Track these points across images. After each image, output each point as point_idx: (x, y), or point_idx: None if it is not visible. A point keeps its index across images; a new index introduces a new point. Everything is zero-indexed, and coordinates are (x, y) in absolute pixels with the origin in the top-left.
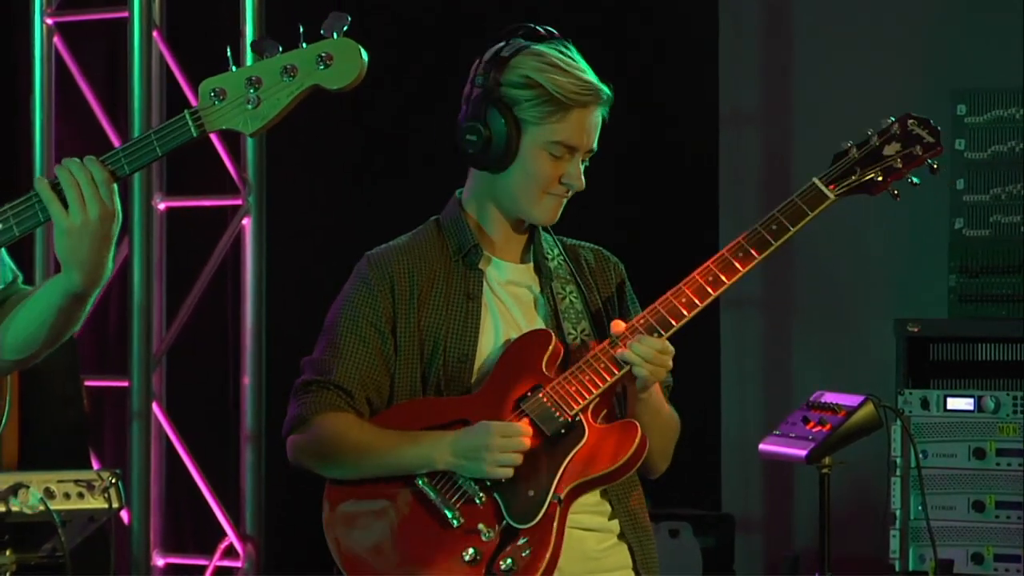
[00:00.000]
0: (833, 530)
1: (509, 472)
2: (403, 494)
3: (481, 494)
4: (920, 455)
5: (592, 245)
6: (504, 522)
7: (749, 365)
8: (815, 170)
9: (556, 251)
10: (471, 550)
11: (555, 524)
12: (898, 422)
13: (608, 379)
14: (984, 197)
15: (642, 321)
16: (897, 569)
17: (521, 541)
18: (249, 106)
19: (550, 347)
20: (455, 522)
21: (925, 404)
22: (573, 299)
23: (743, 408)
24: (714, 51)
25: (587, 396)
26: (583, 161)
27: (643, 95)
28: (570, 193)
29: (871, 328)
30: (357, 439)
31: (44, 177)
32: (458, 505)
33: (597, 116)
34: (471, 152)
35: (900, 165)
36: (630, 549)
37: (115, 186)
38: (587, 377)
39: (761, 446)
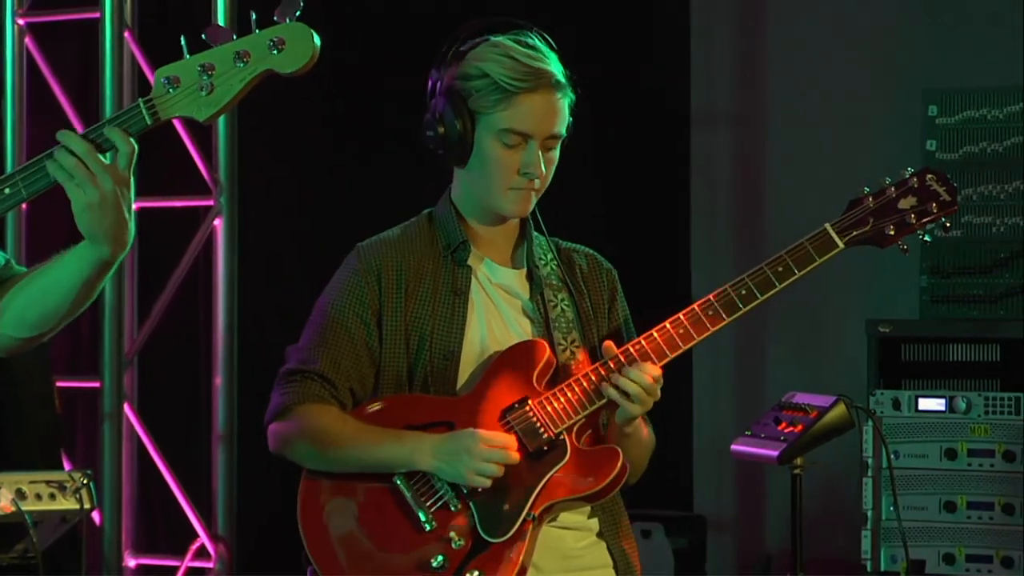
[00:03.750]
0: (805, 530)
1: (487, 482)
2: (379, 492)
3: (456, 501)
4: (892, 456)
5: (587, 250)
6: (476, 532)
7: (721, 365)
8: (788, 170)
9: (550, 255)
10: (440, 556)
11: (526, 541)
12: (870, 423)
13: (597, 401)
14: None
15: (637, 347)
16: (869, 569)
17: (490, 554)
18: (202, 93)
19: (543, 360)
20: (427, 526)
21: (896, 405)
22: (565, 307)
23: (715, 409)
24: (686, 51)
25: (573, 416)
26: (550, 149)
27: (614, 95)
28: (536, 184)
29: (843, 329)
30: (340, 432)
31: (53, 160)
32: (432, 509)
33: (551, 102)
34: (431, 148)
35: (913, 220)
36: (609, 549)
37: (136, 151)
38: (575, 396)
39: (733, 447)
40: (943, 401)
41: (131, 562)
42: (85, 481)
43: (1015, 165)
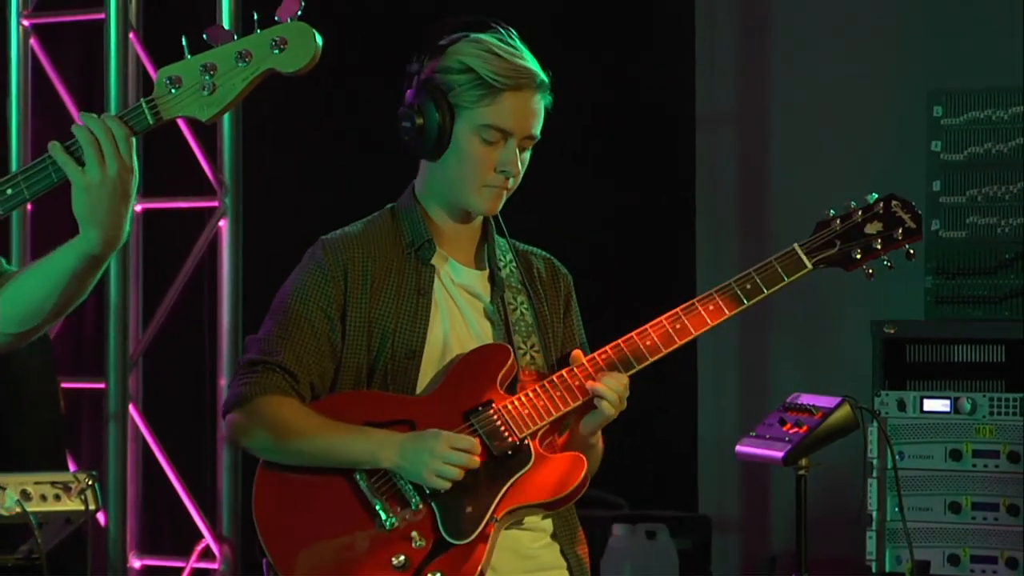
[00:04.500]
0: (810, 531)
1: (445, 484)
2: (339, 487)
3: (419, 501)
4: (896, 456)
5: (544, 253)
6: (437, 533)
7: (726, 366)
8: (792, 171)
9: (509, 257)
10: (401, 556)
11: (488, 544)
12: (874, 423)
13: (563, 408)
14: (960, 199)
15: (604, 356)
16: (874, 570)
17: (451, 555)
18: (204, 92)
19: (507, 364)
20: (388, 524)
21: (901, 405)
22: (524, 310)
23: (720, 410)
24: (691, 52)
25: (539, 421)
26: (525, 150)
27: (618, 96)
28: (509, 182)
29: (848, 330)
30: (302, 424)
31: (57, 142)
32: (393, 508)
33: (533, 102)
34: (407, 139)
35: (879, 246)
36: (562, 552)
37: (134, 142)
38: (541, 402)
39: (738, 448)
40: (948, 402)
41: (136, 563)
42: (90, 482)
43: (1020, 166)
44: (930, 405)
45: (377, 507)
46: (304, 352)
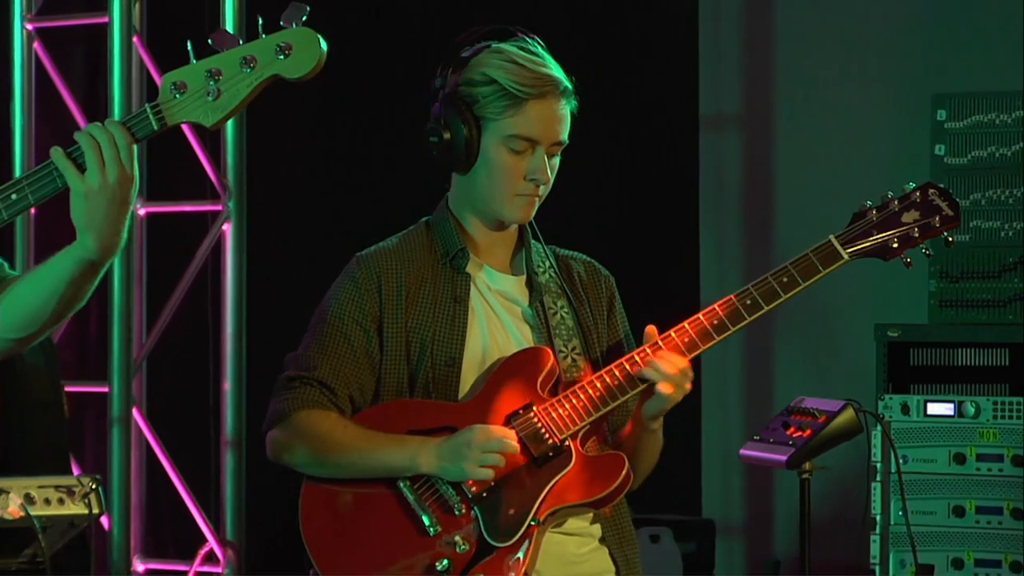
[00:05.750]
0: (813, 535)
1: (490, 474)
2: (383, 496)
3: (461, 505)
4: (900, 460)
5: (584, 257)
6: (480, 537)
7: (730, 370)
8: (797, 174)
9: (548, 263)
10: (445, 560)
11: (531, 546)
12: (878, 427)
13: (602, 407)
14: (964, 203)
15: (642, 356)
16: (877, 574)
17: (495, 558)
18: (209, 98)
19: (547, 366)
20: (432, 530)
21: (905, 409)
22: (564, 314)
23: (724, 413)
24: (694, 54)
25: (578, 422)
26: (554, 156)
27: (622, 99)
28: (540, 190)
29: (851, 333)
30: (340, 437)
31: (59, 147)
32: (436, 513)
33: (558, 108)
34: (435, 155)
35: (917, 235)
36: (611, 555)
37: (135, 150)
38: (581, 403)
39: (742, 451)
40: (952, 406)
41: (140, 567)
42: (94, 486)
43: (1023, 170)
44: (934, 409)
45: (421, 513)
46: (341, 365)
